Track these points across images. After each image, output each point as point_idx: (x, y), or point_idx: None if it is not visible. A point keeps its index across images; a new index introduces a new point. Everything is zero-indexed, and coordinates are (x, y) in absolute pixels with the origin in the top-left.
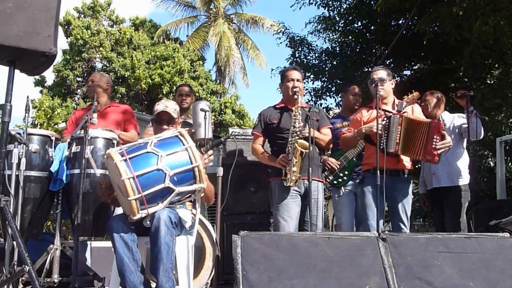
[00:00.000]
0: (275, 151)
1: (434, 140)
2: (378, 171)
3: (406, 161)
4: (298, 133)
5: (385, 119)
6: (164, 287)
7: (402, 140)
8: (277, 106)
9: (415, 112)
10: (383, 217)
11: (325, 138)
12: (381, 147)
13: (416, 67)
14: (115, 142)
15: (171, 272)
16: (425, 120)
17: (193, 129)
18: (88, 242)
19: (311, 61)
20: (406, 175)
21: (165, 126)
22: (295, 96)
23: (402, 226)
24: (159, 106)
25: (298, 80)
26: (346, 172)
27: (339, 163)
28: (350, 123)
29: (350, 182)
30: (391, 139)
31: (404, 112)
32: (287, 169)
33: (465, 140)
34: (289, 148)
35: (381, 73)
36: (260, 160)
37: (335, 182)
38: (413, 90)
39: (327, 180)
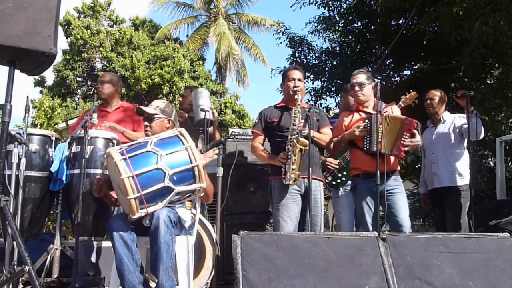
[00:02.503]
0: (275, 150)
1: (404, 136)
2: (378, 171)
3: (394, 162)
4: (298, 131)
5: (366, 120)
6: (164, 286)
7: (383, 138)
8: (277, 105)
9: (394, 112)
10: (379, 219)
11: (325, 138)
12: (365, 148)
13: (416, 67)
14: (115, 142)
15: (171, 271)
16: (400, 117)
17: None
18: (94, 243)
19: (311, 61)
20: (395, 175)
21: (146, 123)
22: (296, 96)
23: (402, 224)
24: (149, 110)
25: (299, 80)
26: (345, 173)
27: (338, 163)
28: (334, 130)
29: (349, 182)
30: (374, 139)
31: (385, 112)
32: (286, 167)
33: (466, 140)
34: (289, 146)
35: (360, 77)
36: (259, 158)
37: (333, 182)
38: (410, 90)
39: (326, 180)
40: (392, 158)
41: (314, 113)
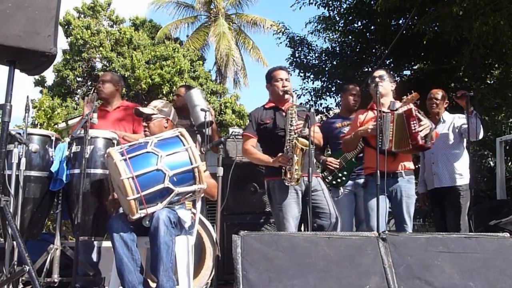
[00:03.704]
0: (269, 151)
1: (413, 125)
2: (378, 171)
3: (406, 162)
4: (297, 131)
5: (379, 119)
6: (164, 286)
7: (394, 137)
8: (266, 106)
9: None
10: (387, 219)
11: (317, 136)
12: (379, 146)
13: (416, 67)
14: (115, 142)
15: (171, 272)
16: (400, 111)
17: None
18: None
19: (311, 61)
20: (407, 176)
21: (144, 124)
22: (286, 95)
23: (405, 226)
24: (146, 110)
25: (286, 80)
26: (345, 173)
27: (338, 163)
28: (350, 128)
29: (350, 182)
30: (385, 137)
31: (397, 110)
32: (288, 168)
33: (465, 140)
34: (287, 147)
35: (381, 72)
36: (254, 161)
37: (334, 182)
38: (412, 91)
39: (326, 180)
40: (407, 161)
41: (302, 111)
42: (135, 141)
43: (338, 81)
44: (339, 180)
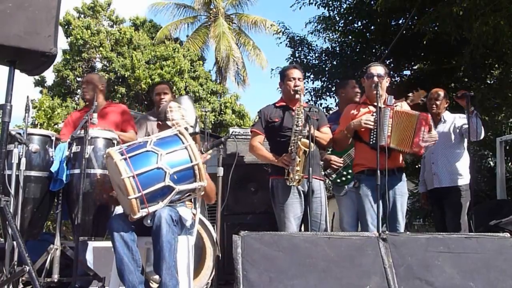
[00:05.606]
0: (275, 150)
1: (422, 132)
2: (378, 170)
3: (398, 158)
4: (300, 131)
5: (374, 113)
6: (167, 285)
7: (393, 133)
8: (277, 105)
9: (404, 108)
10: (381, 218)
11: (325, 137)
12: (371, 142)
13: (416, 67)
14: (115, 142)
15: (174, 270)
16: (414, 112)
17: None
18: (89, 242)
19: (311, 61)
20: (399, 173)
21: None
22: (297, 95)
23: (397, 226)
24: (176, 115)
25: (299, 79)
26: (350, 171)
27: (342, 160)
28: (340, 123)
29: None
30: (382, 133)
31: (396, 106)
32: (290, 169)
33: (466, 140)
34: (292, 147)
35: (379, 69)
36: (259, 158)
37: (338, 180)
38: (418, 88)
39: (330, 178)
40: (400, 155)
41: (314, 112)
42: (129, 140)
43: (338, 81)
44: (343, 179)
